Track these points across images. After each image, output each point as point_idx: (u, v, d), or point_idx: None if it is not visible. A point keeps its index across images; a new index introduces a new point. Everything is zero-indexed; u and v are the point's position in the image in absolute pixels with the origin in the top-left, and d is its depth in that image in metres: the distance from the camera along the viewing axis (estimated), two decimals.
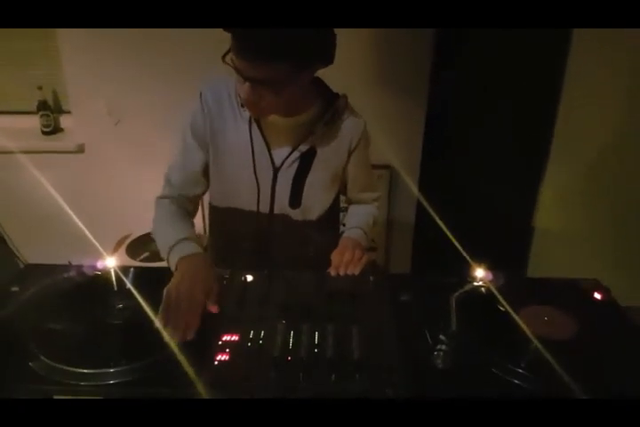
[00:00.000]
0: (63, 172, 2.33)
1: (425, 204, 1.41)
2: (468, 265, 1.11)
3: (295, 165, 1.28)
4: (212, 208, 1.43)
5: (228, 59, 1.05)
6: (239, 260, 1.41)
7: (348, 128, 1.30)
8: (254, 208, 1.33)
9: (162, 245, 1.21)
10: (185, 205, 1.32)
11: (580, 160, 2.23)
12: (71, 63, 2.21)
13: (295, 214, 1.35)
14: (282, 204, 1.33)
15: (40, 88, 2.29)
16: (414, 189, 2.34)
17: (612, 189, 2.27)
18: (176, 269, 1.12)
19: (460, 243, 1.21)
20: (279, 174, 1.29)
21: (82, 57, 2.18)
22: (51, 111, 2.35)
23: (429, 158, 2.32)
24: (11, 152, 2.13)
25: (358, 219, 1.45)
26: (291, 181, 1.29)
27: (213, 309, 1.04)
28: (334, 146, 1.30)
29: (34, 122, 2.35)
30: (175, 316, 0.97)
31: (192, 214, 1.35)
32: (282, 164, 1.28)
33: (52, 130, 2.38)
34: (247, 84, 1.06)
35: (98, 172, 2.40)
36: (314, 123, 1.25)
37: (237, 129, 1.26)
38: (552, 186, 2.29)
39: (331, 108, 1.25)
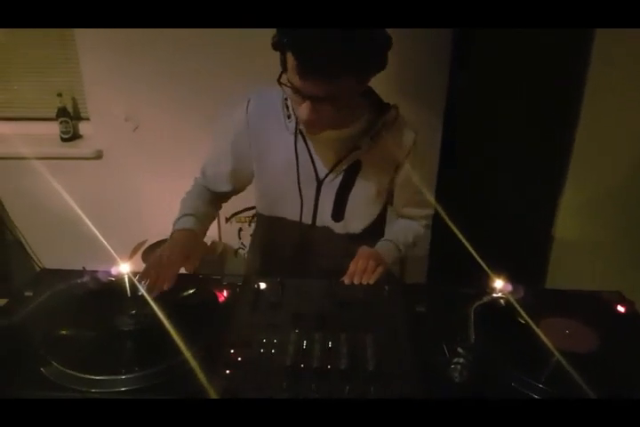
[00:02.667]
0: (81, 178, 2.36)
1: (442, 213, 1.39)
2: (486, 276, 1.09)
3: (339, 179, 1.26)
4: (259, 215, 1.43)
5: (283, 79, 1.04)
6: (277, 268, 1.41)
7: (397, 142, 1.26)
8: (297, 219, 1.32)
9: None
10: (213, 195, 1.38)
11: (601, 169, 2.19)
12: (90, 70, 2.24)
13: (338, 227, 1.33)
14: (324, 216, 1.31)
15: (60, 95, 2.32)
16: (431, 199, 2.31)
17: (636, 200, 2.22)
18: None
19: (477, 253, 1.19)
20: (323, 187, 1.27)
21: (101, 64, 2.21)
22: (70, 118, 2.37)
23: (446, 168, 2.30)
24: (30, 158, 2.15)
25: (394, 232, 1.41)
26: (334, 195, 1.27)
27: (189, 268, 1.14)
28: (381, 160, 1.26)
29: (53, 128, 2.38)
30: (152, 273, 1.05)
31: (215, 203, 1.39)
32: (325, 176, 1.26)
33: (71, 136, 2.41)
34: (307, 102, 1.04)
35: (116, 178, 2.42)
36: (360, 137, 1.22)
37: (283, 141, 1.24)
38: (572, 195, 2.25)
39: (378, 120, 1.21)
